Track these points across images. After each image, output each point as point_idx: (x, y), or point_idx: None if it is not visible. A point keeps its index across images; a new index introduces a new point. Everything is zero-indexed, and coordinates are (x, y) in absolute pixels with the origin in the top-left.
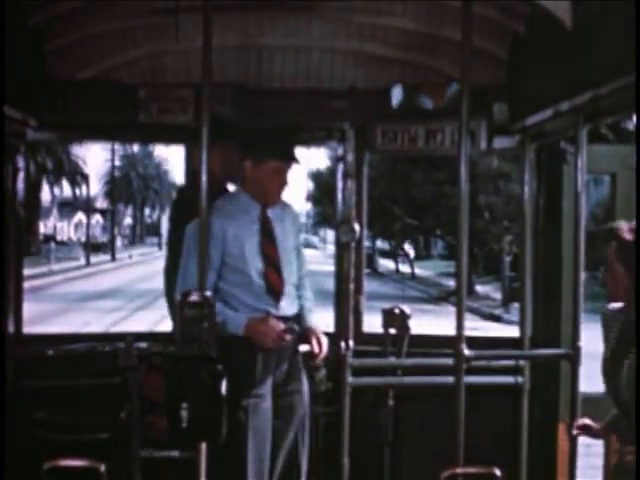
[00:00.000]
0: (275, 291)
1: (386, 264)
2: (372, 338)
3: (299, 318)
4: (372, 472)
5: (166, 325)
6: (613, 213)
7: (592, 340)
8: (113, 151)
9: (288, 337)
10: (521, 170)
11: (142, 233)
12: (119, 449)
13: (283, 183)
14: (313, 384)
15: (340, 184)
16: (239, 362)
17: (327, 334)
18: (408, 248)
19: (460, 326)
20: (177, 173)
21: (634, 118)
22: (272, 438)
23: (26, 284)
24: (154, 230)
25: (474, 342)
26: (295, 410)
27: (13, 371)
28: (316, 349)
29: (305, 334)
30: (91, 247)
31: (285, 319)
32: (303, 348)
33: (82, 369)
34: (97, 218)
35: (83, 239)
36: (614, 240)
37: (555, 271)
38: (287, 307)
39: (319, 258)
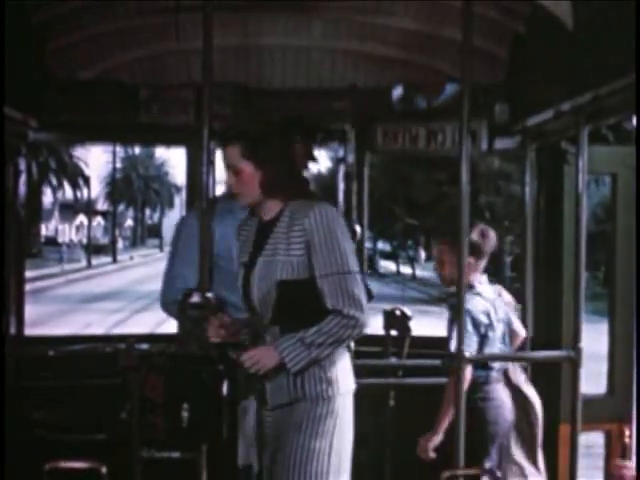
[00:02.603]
0: None
1: (387, 265)
2: (373, 339)
3: None
4: (373, 473)
5: (167, 327)
6: (614, 213)
7: (593, 341)
8: (114, 152)
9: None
10: (522, 170)
11: (143, 235)
12: (119, 450)
13: None
14: None
15: (341, 185)
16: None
17: None
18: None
19: (460, 327)
20: (178, 174)
21: (633, 119)
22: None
23: (33, 285)
24: (155, 232)
25: None
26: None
27: (14, 371)
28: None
29: None
30: (92, 249)
31: None
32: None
33: (83, 370)
34: (98, 220)
35: (84, 241)
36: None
37: (556, 272)
38: None
39: None
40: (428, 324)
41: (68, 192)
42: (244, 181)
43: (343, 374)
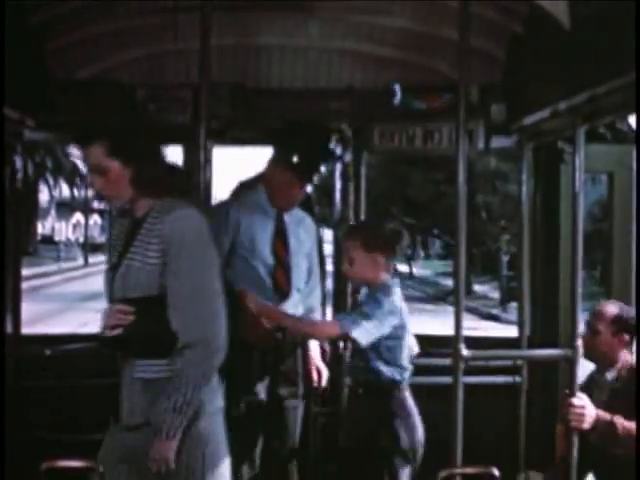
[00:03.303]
0: (281, 291)
1: None
2: None
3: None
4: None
5: None
6: (611, 212)
7: None
8: None
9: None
10: (519, 170)
11: None
12: None
13: (299, 195)
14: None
15: (338, 184)
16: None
17: None
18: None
19: (458, 326)
20: None
21: (629, 119)
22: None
23: (30, 283)
24: None
25: (472, 342)
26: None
27: (12, 371)
28: (315, 378)
29: (304, 364)
30: (89, 247)
31: None
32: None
33: (81, 369)
34: (95, 218)
35: (81, 239)
36: None
37: (553, 270)
38: (289, 310)
39: None
40: (425, 322)
41: (65, 190)
42: (112, 180)
43: (208, 393)
